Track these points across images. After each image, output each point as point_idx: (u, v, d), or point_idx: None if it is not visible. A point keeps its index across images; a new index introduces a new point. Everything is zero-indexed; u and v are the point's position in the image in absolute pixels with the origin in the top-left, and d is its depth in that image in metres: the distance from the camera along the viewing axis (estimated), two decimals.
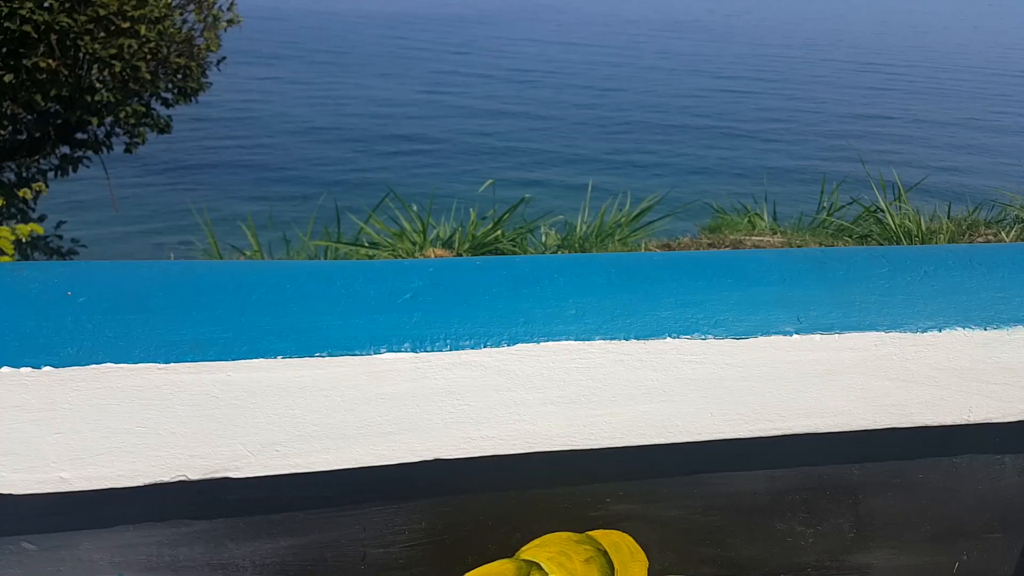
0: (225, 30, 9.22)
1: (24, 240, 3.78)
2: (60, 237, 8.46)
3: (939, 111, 27.91)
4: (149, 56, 8.40)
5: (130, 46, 7.97)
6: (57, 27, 7.48)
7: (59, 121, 8.64)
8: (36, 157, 9.22)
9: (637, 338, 0.67)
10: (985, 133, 24.01)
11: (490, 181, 4.93)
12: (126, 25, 7.92)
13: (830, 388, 0.73)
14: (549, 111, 24.47)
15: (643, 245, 4.22)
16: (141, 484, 0.61)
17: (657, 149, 19.59)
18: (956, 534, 0.87)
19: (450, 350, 0.63)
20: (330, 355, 0.61)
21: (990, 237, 4.86)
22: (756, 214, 5.43)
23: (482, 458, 0.66)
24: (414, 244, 4.28)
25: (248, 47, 16.60)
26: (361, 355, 0.61)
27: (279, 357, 0.60)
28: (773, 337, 0.71)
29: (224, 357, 0.59)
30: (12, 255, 3.27)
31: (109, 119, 8.79)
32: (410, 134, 20.04)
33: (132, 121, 8.86)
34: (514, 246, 4.37)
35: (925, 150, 21.21)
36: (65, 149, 9.17)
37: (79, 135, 9.15)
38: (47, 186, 8.02)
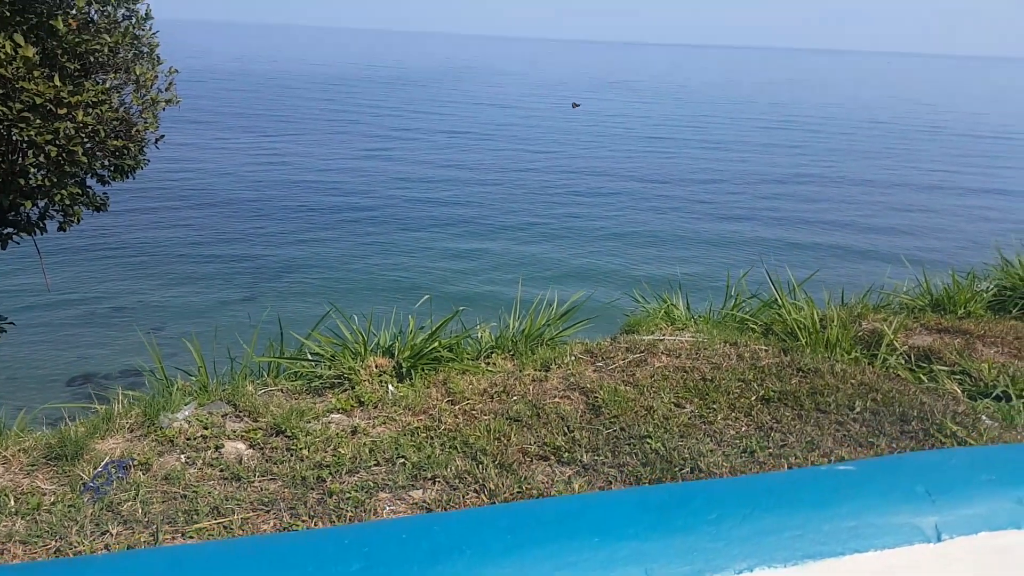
0: (163, 109, 9.39)
1: None
2: None
3: (853, 168, 29.77)
4: (86, 139, 8.50)
5: (66, 130, 8.07)
6: None
7: None
8: None
9: None
10: (895, 190, 25.72)
11: (426, 296, 5.24)
12: (63, 111, 8.04)
13: None
14: (486, 175, 25.13)
15: (569, 350, 4.61)
16: None
17: (587, 213, 20.32)
18: None
19: None
20: None
21: (876, 323, 5.44)
22: (672, 304, 5.90)
23: None
24: (356, 355, 4.56)
25: (182, 113, 16.66)
26: None
27: None
28: None
29: None
30: None
31: (43, 202, 8.81)
32: (349, 204, 20.27)
33: (67, 202, 8.89)
34: (451, 352, 4.70)
35: (846, 206, 22.57)
36: None
37: (11, 215, 9.10)
38: None
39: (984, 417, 3.66)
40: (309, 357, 4.53)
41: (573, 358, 4.50)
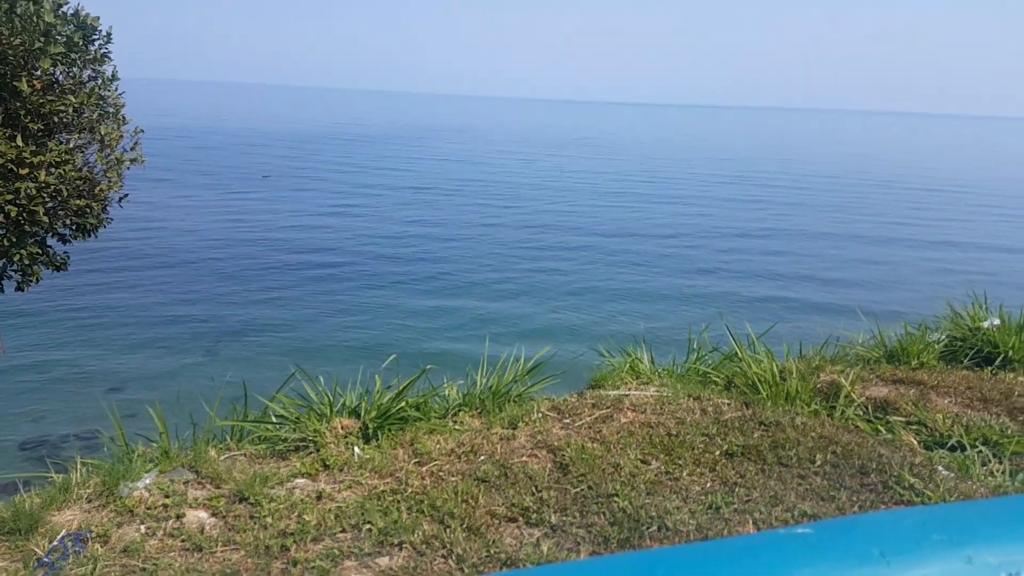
0: (128, 169, 9.32)
1: None
2: None
3: (808, 221, 30.67)
4: (47, 199, 8.40)
5: (28, 190, 7.98)
6: None
7: None
8: None
9: None
10: (849, 242, 26.52)
11: (393, 355, 5.25)
12: (25, 171, 7.96)
13: None
14: (452, 231, 25.33)
15: (536, 407, 4.64)
16: None
17: (553, 268, 20.53)
18: None
19: None
20: None
21: (834, 375, 5.57)
22: (637, 358, 5.99)
23: None
24: (321, 417, 4.52)
25: (145, 172, 16.57)
26: None
27: None
28: None
29: None
30: None
31: (1, 261, 8.65)
32: (315, 261, 20.20)
33: (26, 262, 8.74)
34: (418, 411, 4.68)
35: (803, 258, 23.19)
36: None
37: None
38: None
39: (940, 468, 3.75)
40: (273, 420, 4.48)
41: (540, 415, 4.52)
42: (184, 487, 3.43)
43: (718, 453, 3.83)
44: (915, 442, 4.17)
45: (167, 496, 3.30)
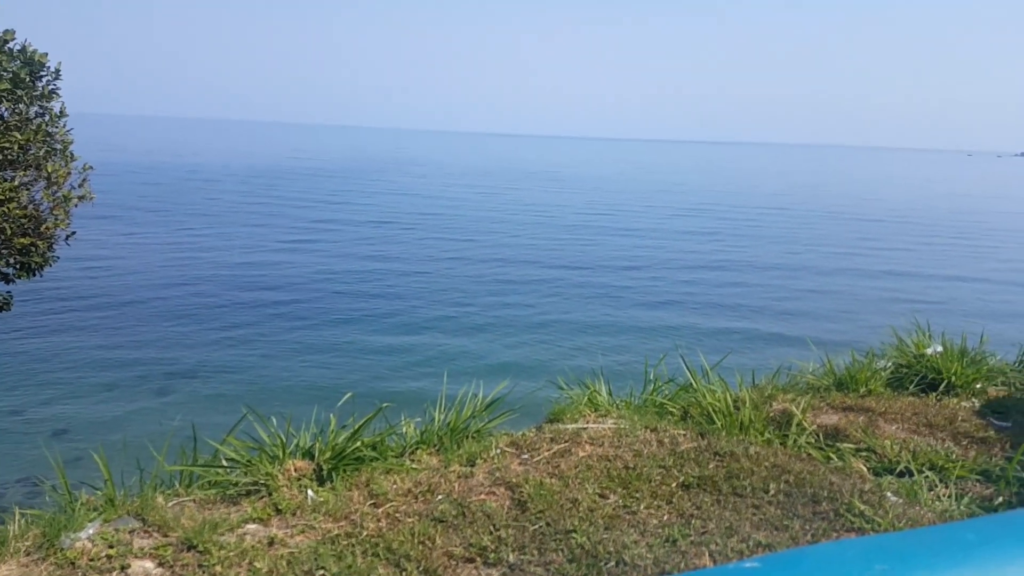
0: (76, 206, 9.06)
1: None
2: None
3: (759, 253, 31.42)
4: None
5: None
6: None
7: None
8: None
9: None
10: (799, 273, 27.22)
11: (349, 394, 5.18)
12: None
13: None
14: (410, 266, 25.26)
15: (494, 443, 4.61)
16: None
17: (512, 302, 20.60)
18: None
19: None
20: None
21: (786, 404, 5.68)
22: (595, 391, 6.02)
23: None
24: (273, 459, 4.43)
25: (94, 209, 16.23)
26: None
27: None
28: None
29: None
30: None
31: None
32: (269, 299, 19.90)
33: None
34: (374, 450, 4.61)
35: (757, 289, 23.70)
36: None
37: None
38: None
39: (889, 494, 3.84)
40: (224, 463, 4.36)
41: (499, 451, 4.50)
42: (129, 536, 3.31)
43: (675, 485, 3.86)
44: (864, 469, 4.26)
45: (111, 546, 3.18)
